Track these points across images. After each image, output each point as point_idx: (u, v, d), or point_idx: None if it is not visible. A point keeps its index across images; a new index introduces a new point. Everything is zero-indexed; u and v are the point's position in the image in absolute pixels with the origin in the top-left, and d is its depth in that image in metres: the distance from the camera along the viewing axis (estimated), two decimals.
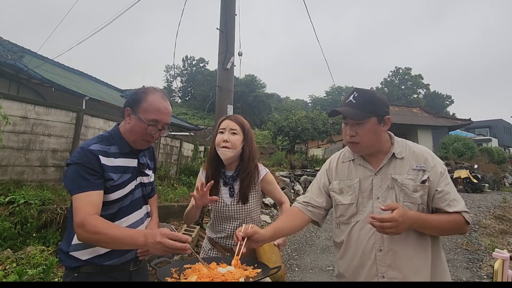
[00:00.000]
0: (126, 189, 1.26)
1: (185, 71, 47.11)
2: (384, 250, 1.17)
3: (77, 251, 1.19)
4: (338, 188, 1.33)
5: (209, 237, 1.63)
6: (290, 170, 11.36)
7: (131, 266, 1.29)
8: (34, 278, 2.47)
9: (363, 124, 1.20)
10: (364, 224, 1.21)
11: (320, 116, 15.72)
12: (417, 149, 1.25)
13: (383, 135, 1.26)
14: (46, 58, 10.41)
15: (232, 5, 4.85)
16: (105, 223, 1.08)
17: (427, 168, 1.19)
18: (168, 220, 4.53)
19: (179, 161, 8.33)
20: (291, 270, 3.82)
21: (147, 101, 1.24)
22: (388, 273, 1.16)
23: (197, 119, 28.61)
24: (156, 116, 1.24)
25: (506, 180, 14.99)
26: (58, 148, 4.44)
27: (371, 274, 1.19)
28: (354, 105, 1.22)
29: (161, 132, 1.29)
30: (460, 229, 1.17)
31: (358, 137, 1.22)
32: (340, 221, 1.32)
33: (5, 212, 3.30)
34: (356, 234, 1.24)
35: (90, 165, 1.15)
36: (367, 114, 1.19)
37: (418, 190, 1.17)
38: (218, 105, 4.56)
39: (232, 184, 1.55)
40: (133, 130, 1.26)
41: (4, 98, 3.77)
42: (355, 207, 1.26)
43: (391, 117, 1.25)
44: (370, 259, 1.19)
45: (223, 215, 1.54)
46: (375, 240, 1.19)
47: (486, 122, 35.26)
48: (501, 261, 1.43)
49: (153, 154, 1.54)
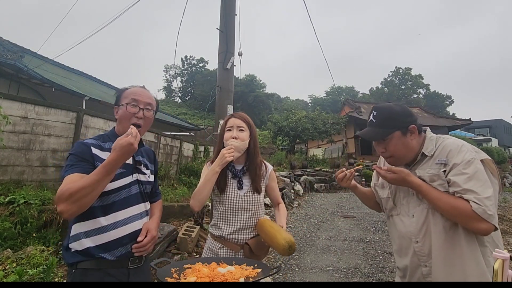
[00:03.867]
0: (119, 182, 1.29)
1: (185, 71, 47.09)
2: (420, 241, 1.23)
3: (74, 242, 1.22)
4: (380, 183, 1.46)
5: (217, 235, 1.57)
6: (290, 170, 11.37)
7: (128, 263, 1.28)
8: (34, 278, 2.47)
9: (387, 140, 1.26)
10: (403, 218, 1.30)
11: (320, 116, 15.73)
12: (447, 143, 1.25)
13: (415, 141, 1.28)
14: (46, 58, 10.39)
15: (232, 5, 4.85)
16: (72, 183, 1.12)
17: (447, 161, 1.19)
18: (168, 220, 4.52)
19: (179, 161, 8.33)
20: (291, 270, 3.82)
21: (125, 92, 1.39)
22: (428, 262, 1.21)
23: (197, 119, 28.63)
24: (133, 96, 1.35)
25: (506, 180, 15.01)
26: (58, 148, 4.44)
27: (414, 264, 1.26)
28: (374, 124, 1.29)
29: (145, 112, 1.36)
30: (467, 221, 1.09)
31: (388, 152, 1.29)
32: (386, 214, 1.44)
33: (5, 212, 3.30)
34: (397, 227, 1.33)
35: (81, 154, 1.25)
36: (389, 130, 1.25)
37: (435, 180, 1.19)
38: (218, 105, 4.56)
39: (241, 177, 1.60)
40: (120, 120, 1.37)
41: (4, 98, 3.78)
42: (391, 201, 1.37)
43: (415, 125, 1.27)
44: (411, 250, 1.26)
45: (236, 206, 1.55)
46: (412, 233, 1.25)
47: (486, 122, 35.27)
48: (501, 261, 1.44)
49: (154, 158, 1.59)
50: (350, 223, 6.37)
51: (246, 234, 1.54)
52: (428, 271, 1.21)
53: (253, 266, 1.22)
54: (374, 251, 4.55)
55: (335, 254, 4.44)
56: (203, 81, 40.57)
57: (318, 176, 11.85)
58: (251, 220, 1.56)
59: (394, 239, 1.39)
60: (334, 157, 16.90)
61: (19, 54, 8.68)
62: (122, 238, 1.26)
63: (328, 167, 13.23)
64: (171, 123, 14.44)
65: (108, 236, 1.24)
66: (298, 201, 8.69)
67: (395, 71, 50.14)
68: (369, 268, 3.87)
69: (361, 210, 7.56)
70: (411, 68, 49.93)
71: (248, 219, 1.55)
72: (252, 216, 1.56)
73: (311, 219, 6.64)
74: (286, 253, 1.33)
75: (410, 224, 1.26)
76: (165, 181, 6.65)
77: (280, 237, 1.35)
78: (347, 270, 3.80)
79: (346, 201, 8.91)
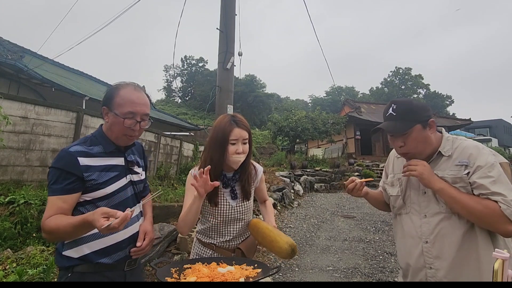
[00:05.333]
0: (113, 187, 1.24)
1: (185, 71, 47.08)
2: (430, 242, 1.21)
3: (70, 249, 1.19)
4: (390, 181, 1.44)
5: (208, 242, 1.50)
6: (290, 170, 11.36)
7: (125, 265, 1.27)
8: (34, 278, 2.47)
9: (408, 133, 1.23)
10: (412, 217, 1.29)
11: (320, 116, 15.72)
12: (466, 145, 1.24)
13: (433, 137, 1.27)
14: (46, 58, 10.39)
15: (232, 5, 4.85)
16: (56, 220, 1.09)
17: (470, 164, 1.17)
18: (168, 220, 4.52)
19: (179, 161, 8.33)
20: (291, 270, 3.82)
21: (119, 95, 1.24)
22: (435, 264, 1.20)
23: (197, 119, 28.61)
24: (131, 108, 1.23)
25: None
26: (58, 148, 4.44)
27: (419, 265, 1.24)
28: (394, 117, 1.26)
29: (141, 124, 1.27)
30: (496, 222, 1.08)
31: (406, 147, 1.26)
32: (394, 212, 1.42)
33: (5, 212, 3.30)
34: (405, 226, 1.31)
35: (66, 168, 1.15)
36: (410, 123, 1.22)
37: (457, 182, 1.17)
38: (218, 105, 4.56)
39: (234, 185, 1.50)
40: (112, 127, 1.26)
41: (4, 98, 3.77)
42: (401, 199, 1.35)
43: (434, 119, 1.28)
44: (418, 250, 1.24)
45: (229, 217, 1.47)
46: (422, 233, 1.24)
47: (486, 122, 35.24)
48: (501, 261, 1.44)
49: (143, 152, 1.51)
50: (350, 223, 6.37)
51: (238, 241, 1.51)
52: (433, 273, 1.20)
53: (253, 266, 1.22)
54: (374, 251, 4.54)
55: (335, 254, 4.44)
56: (203, 81, 40.58)
57: (318, 176, 11.85)
58: (244, 228, 1.52)
59: (399, 238, 1.38)
60: (334, 157, 16.89)
61: (19, 54, 8.67)
62: (120, 243, 1.24)
63: (328, 167, 13.22)
64: (171, 123, 14.45)
65: (106, 241, 1.21)
66: (298, 201, 8.69)
67: (395, 71, 50.16)
68: (369, 268, 3.87)
69: (361, 210, 7.55)
70: (411, 68, 50.02)
71: (240, 228, 1.50)
72: (245, 225, 1.52)
73: (311, 219, 6.63)
74: (288, 257, 1.30)
75: (421, 224, 1.25)
76: (165, 181, 6.65)
77: (282, 241, 1.31)
78: (347, 270, 3.80)
79: (346, 201, 8.91)
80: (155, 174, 6.79)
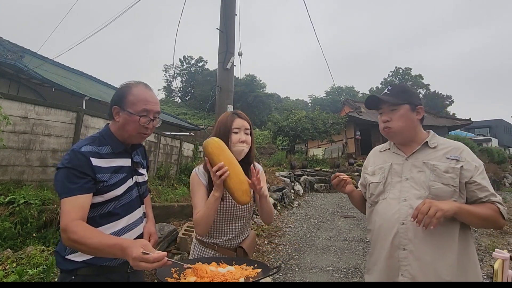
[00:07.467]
0: (121, 188, 1.23)
1: (185, 71, 47.06)
2: (407, 223, 1.23)
3: (74, 254, 1.16)
4: (371, 171, 1.47)
5: (209, 242, 1.49)
6: (290, 170, 11.36)
7: (128, 267, 1.27)
8: (34, 278, 2.47)
9: (396, 110, 1.32)
10: (390, 201, 1.32)
11: (320, 116, 15.70)
12: (456, 144, 1.32)
13: (418, 126, 1.36)
14: (46, 58, 10.38)
15: (232, 5, 4.85)
16: (86, 232, 1.03)
17: (461, 159, 1.24)
18: (168, 220, 4.52)
19: (179, 161, 8.33)
20: (291, 270, 3.82)
21: (132, 94, 1.23)
22: (408, 246, 1.21)
23: (197, 119, 28.60)
24: (145, 105, 1.23)
25: (506, 180, 14.98)
26: (58, 148, 4.44)
27: (393, 246, 1.26)
28: (388, 94, 1.37)
29: (154, 122, 1.28)
30: (496, 222, 1.19)
31: (391, 123, 1.33)
32: (370, 201, 1.43)
33: (5, 212, 3.30)
34: (382, 210, 1.34)
35: (80, 168, 1.12)
36: (401, 100, 1.32)
37: (449, 171, 1.22)
38: (218, 105, 4.56)
39: None
40: (125, 126, 1.24)
41: (4, 98, 3.78)
42: (382, 185, 1.37)
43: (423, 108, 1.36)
44: (393, 231, 1.26)
45: (231, 215, 1.47)
46: (399, 215, 1.26)
47: (486, 122, 35.22)
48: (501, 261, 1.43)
49: (144, 153, 1.51)
50: (350, 223, 6.37)
51: (239, 239, 1.52)
52: (405, 254, 1.22)
53: (253, 266, 1.22)
54: None
55: (335, 254, 4.44)
56: (203, 81, 40.54)
57: (318, 176, 11.84)
58: (245, 226, 1.53)
59: (373, 224, 1.38)
60: (334, 157, 16.88)
61: (19, 54, 8.67)
62: None
63: (328, 167, 13.21)
64: (171, 123, 14.44)
65: None
66: (298, 201, 8.68)
67: (395, 71, 50.13)
68: None
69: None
70: (411, 68, 49.93)
71: (242, 226, 1.51)
72: (246, 222, 1.53)
73: (311, 219, 6.63)
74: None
75: (399, 208, 1.27)
76: (165, 181, 6.64)
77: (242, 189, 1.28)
78: (347, 270, 3.80)
79: (346, 201, 8.90)
80: (155, 174, 6.79)
